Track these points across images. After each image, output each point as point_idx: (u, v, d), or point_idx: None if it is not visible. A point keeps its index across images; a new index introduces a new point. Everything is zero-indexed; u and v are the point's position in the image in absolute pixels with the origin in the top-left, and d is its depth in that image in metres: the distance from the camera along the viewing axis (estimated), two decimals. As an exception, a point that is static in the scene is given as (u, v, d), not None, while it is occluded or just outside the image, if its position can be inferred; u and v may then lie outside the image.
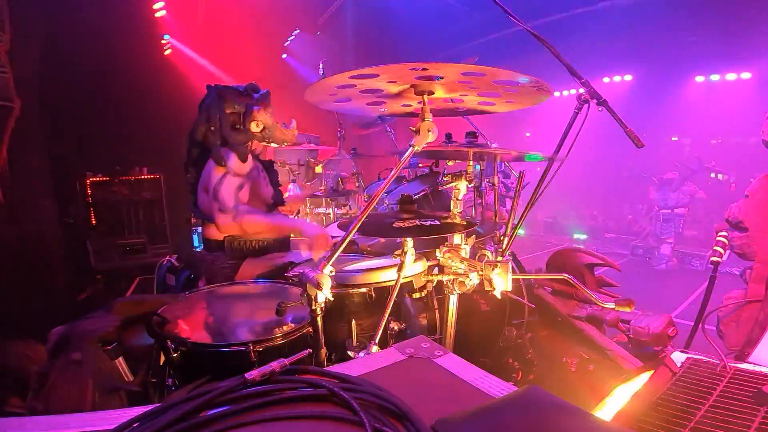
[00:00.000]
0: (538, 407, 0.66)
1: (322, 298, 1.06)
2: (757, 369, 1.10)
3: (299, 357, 0.72)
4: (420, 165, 3.20)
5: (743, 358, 1.22)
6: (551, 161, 1.77)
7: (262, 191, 2.40)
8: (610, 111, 1.60)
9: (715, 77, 7.52)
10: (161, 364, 1.47)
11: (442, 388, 0.75)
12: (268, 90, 2.33)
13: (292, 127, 2.43)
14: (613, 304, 1.46)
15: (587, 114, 1.67)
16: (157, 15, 5.72)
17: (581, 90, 1.65)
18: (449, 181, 1.57)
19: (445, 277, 1.43)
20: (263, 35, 6.74)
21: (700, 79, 7.68)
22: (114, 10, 4.77)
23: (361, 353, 1.25)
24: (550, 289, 2.67)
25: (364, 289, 1.63)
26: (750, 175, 2.16)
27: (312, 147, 4.18)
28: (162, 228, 5.19)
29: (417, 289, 1.72)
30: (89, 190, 4.87)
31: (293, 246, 2.39)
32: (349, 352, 1.55)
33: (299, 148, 4.05)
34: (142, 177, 5.15)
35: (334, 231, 2.44)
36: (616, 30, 6.38)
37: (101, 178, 4.96)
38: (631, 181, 8.29)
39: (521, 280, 2.25)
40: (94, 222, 4.87)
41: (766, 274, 1.94)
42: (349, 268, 1.71)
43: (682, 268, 6.06)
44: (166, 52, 6.24)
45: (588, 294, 1.53)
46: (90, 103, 4.79)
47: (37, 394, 1.11)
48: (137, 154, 5.15)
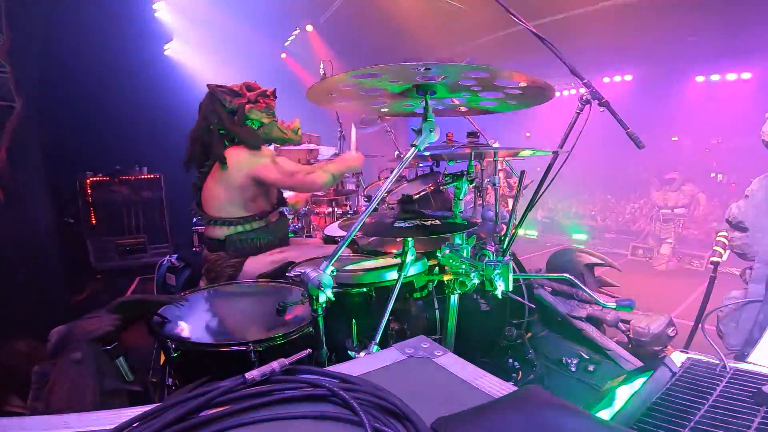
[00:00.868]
0: (538, 407, 0.66)
1: (323, 298, 1.06)
2: (757, 369, 1.10)
3: (299, 357, 0.72)
4: (420, 165, 3.19)
5: (743, 358, 1.22)
6: (551, 161, 1.78)
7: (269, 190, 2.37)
8: (612, 112, 1.60)
9: (715, 77, 7.51)
10: (161, 364, 1.47)
11: (442, 388, 0.75)
12: (267, 88, 2.30)
13: (295, 127, 2.39)
14: (614, 304, 1.46)
15: (589, 114, 1.67)
16: (157, 15, 5.73)
17: (583, 90, 1.65)
18: (450, 181, 1.57)
19: (445, 277, 1.43)
20: (263, 35, 6.74)
21: (700, 79, 7.67)
22: (114, 9, 4.77)
23: (361, 353, 1.25)
24: (550, 289, 2.67)
25: (365, 289, 1.63)
26: (750, 175, 2.15)
27: (312, 147, 4.18)
28: (162, 228, 5.19)
29: (417, 289, 1.72)
30: (89, 190, 4.87)
31: (293, 242, 2.39)
32: (349, 352, 1.55)
33: (299, 147, 4.04)
34: (142, 177, 5.15)
35: (334, 231, 2.44)
36: (616, 30, 6.37)
37: (101, 178, 4.96)
38: (631, 181, 8.28)
39: (521, 280, 2.25)
40: (94, 222, 4.87)
41: (766, 274, 1.94)
42: (349, 268, 1.71)
43: (682, 268, 6.05)
44: (166, 52, 6.25)
45: (588, 294, 1.53)
46: (90, 103, 4.79)
47: (37, 394, 1.11)
48: (137, 154, 5.15)
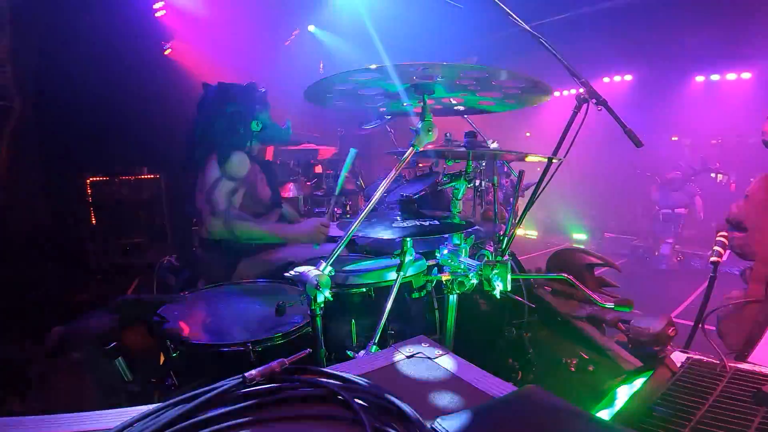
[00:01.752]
0: (538, 407, 0.66)
1: (321, 298, 1.06)
2: (757, 369, 1.10)
3: (299, 357, 0.72)
4: (420, 165, 3.19)
5: (743, 358, 1.22)
6: (550, 161, 1.77)
7: (260, 192, 2.37)
8: (609, 110, 1.60)
9: (715, 77, 7.51)
10: (161, 364, 1.48)
11: (442, 388, 0.75)
12: (266, 89, 2.33)
13: (286, 127, 2.42)
14: (613, 304, 1.46)
15: (586, 113, 1.67)
16: (158, 15, 5.73)
17: (580, 89, 1.65)
18: (448, 181, 1.57)
19: (444, 277, 1.43)
20: (263, 35, 6.73)
21: (700, 79, 7.67)
22: (114, 9, 4.77)
23: (361, 353, 1.25)
24: (550, 289, 2.67)
25: (364, 289, 1.63)
26: (750, 175, 2.15)
27: (312, 147, 4.18)
28: (162, 228, 5.18)
29: (417, 289, 1.72)
30: (89, 190, 4.86)
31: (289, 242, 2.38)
32: (349, 352, 1.55)
33: (299, 148, 4.04)
34: (142, 177, 5.14)
35: (334, 231, 2.44)
36: (616, 30, 6.38)
37: (101, 178, 4.95)
38: (631, 181, 8.28)
39: (521, 280, 2.25)
40: (94, 222, 4.87)
41: (766, 274, 1.94)
42: (349, 268, 1.71)
43: (682, 268, 6.05)
44: (166, 52, 6.25)
45: (588, 294, 1.53)
46: (90, 103, 4.78)
47: (37, 394, 1.11)
48: (137, 154, 5.15)
